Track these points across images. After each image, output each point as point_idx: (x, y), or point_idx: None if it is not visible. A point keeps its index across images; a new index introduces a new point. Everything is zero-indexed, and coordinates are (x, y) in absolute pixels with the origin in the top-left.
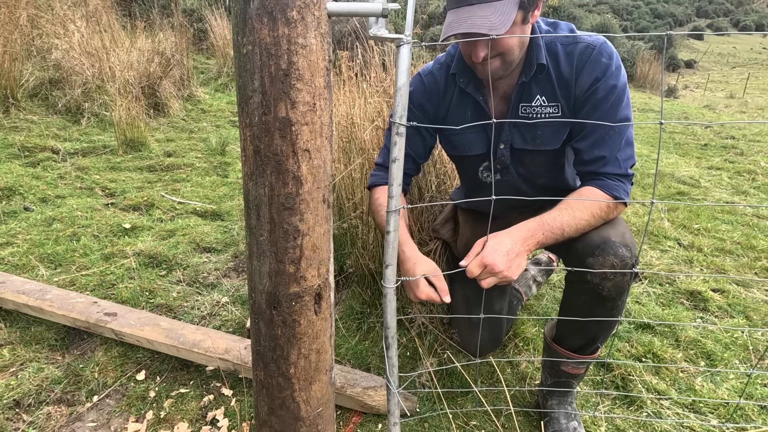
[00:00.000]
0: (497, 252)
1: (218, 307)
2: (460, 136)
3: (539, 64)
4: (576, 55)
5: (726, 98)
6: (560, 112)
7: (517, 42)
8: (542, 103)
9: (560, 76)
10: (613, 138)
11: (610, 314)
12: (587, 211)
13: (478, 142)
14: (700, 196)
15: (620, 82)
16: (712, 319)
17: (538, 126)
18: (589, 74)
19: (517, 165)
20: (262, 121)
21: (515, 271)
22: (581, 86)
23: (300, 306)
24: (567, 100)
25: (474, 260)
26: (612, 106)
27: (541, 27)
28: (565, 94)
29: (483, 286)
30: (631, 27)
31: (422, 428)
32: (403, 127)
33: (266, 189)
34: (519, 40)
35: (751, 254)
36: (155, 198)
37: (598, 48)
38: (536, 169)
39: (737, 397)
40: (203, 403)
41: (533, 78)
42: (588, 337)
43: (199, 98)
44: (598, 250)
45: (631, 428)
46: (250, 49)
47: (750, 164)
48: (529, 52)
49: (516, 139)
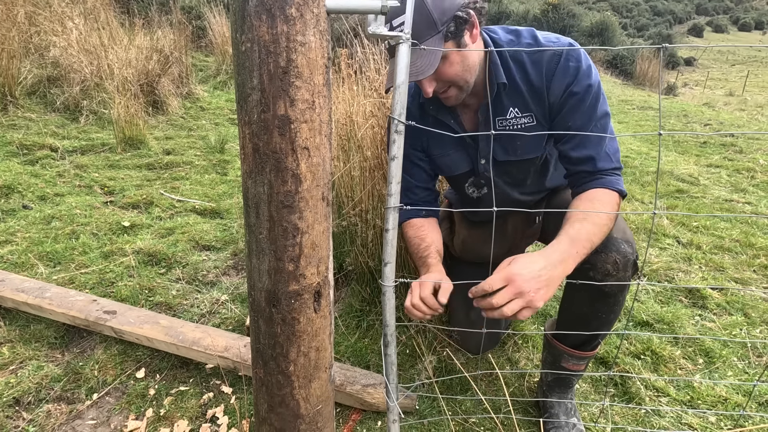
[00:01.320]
0: (527, 269)
1: (218, 305)
2: (446, 158)
3: (499, 83)
4: (544, 64)
5: (725, 96)
6: (534, 121)
7: (460, 69)
8: (516, 114)
9: (530, 87)
10: (597, 135)
11: (611, 310)
12: (604, 214)
13: (462, 161)
14: (699, 194)
15: (594, 81)
16: (711, 317)
17: (517, 137)
18: (560, 81)
19: (502, 176)
20: (261, 119)
21: (543, 296)
22: (555, 93)
23: (299, 304)
24: (541, 108)
25: (498, 274)
26: (590, 105)
27: (501, 39)
28: (538, 102)
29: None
30: (631, 24)
31: (421, 426)
32: (402, 125)
33: (265, 187)
34: (462, 65)
35: (749, 252)
36: (154, 196)
37: (565, 54)
38: (522, 175)
39: (735, 394)
40: (203, 401)
41: (502, 93)
42: (589, 333)
43: (198, 96)
44: (601, 246)
45: (630, 425)
46: (249, 47)
47: (749, 162)
48: (489, 71)
49: (498, 152)
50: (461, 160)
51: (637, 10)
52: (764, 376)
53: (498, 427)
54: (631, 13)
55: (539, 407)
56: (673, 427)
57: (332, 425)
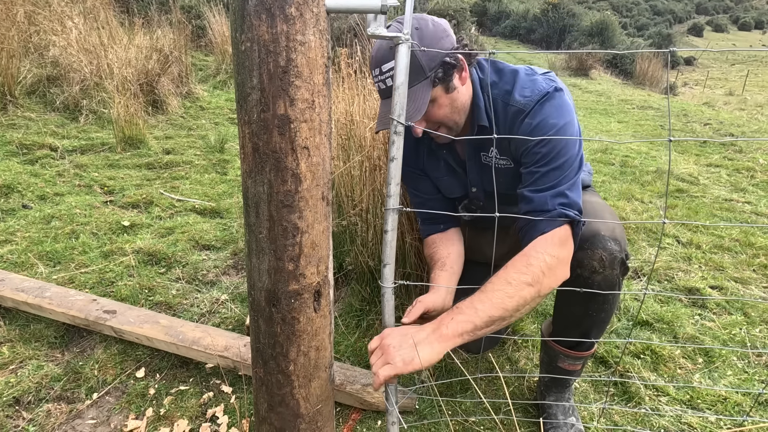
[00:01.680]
0: (403, 343)
1: (217, 305)
2: (441, 181)
3: (479, 125)
4: (509, 118)
5: (725, 95)
6: (512, 164)
7: (449, 111)
8: (496, 155)
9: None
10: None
11: (602, 308)
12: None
13: (456, 186)
14: (699, 194)
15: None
16: (711, 316)
17: (499, 173)
18: (522, 140)
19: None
20: (261, 119)
21: (405, 367)
22: (518, 149)
23: (299, 303)
24: (513, 154)
25: (378, 336)
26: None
27: (486, 80)
28: (510, 149)
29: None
30: (631, 24)
31: (421, 425)
32: (401, 125)
33: (265, 186)
34: (451, 107)
35: (749, 251)
36: (154, 196)
37: (531, 112)
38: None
39: (735, 393)
40: (203, 401)
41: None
42: (581, 332)
43: (198, 95)
44: (587, 243)
45: (629, 424)
46: (249, 46)
47: (749, 161)
48: (472, 112)
49: (486, 184)
50: (455, 185)
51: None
52: (765, 376)
53: (498, 427)
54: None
55: (538, 407)
56: (673, 427)
57: (332, 424)
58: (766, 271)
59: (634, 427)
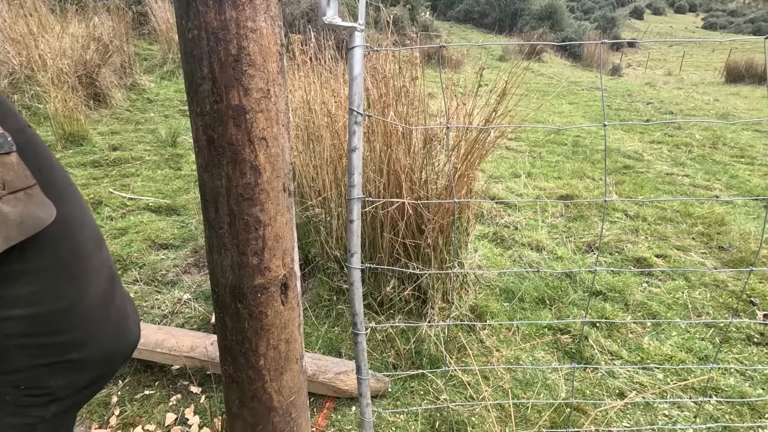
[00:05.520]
0: None
1: (180, 305)
2: None
3: None
4: None
5: (665, 75)
6: None
7: None
8: None
9: None
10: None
11: None
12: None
13: None
14: (644, 169)
15: None
16: (657, 283)
17: None
18: None
19: None
20: (215, 110)
21: None
22: None
23: (266, 297)
24: None
25: None
26: None
27: None
28: None
29: None
30: (578, 7)
31: (394, 407)
32: (360, 116)
33: (223, 180)
34: None
35: (689, 221)
36: (103, 195)
37: None
38: None
39: (679, 351)
40: (171, 403)
41: None
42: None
43: (144, 87)
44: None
45: (588, 389)
46: (197, 34)
47: (686, 137)
48: None
49: None
50: None
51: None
52: (702, 332)
53: (469, 403)
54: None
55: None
56: (626, 387)
57: (306, 414)
58: (703, 238)
59: (593, 391)
